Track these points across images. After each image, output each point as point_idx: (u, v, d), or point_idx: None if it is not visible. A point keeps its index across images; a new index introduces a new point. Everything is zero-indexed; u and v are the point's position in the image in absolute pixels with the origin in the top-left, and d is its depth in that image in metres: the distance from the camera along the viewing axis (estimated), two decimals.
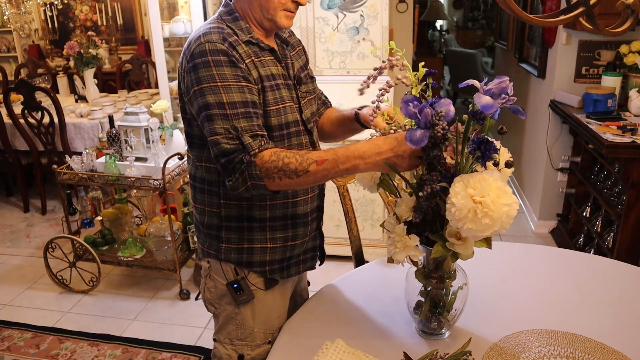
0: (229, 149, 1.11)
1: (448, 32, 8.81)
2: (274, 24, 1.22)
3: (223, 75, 1.13)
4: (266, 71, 1.21)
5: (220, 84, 1.12)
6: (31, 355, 2.39)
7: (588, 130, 2.52)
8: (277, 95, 1.22)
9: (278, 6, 1.20)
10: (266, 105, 1.20)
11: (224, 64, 1.13)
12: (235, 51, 1.15)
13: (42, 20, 5.93)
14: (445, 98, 1.00)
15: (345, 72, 3.04)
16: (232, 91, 1.12)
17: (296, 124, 1.27)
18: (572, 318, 1.22)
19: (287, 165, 1.09)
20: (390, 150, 1.05)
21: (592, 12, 0.83)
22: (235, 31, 1.20)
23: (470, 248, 0.99)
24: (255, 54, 1.21)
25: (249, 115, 1.13)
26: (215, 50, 1.13)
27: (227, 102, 1.12)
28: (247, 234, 1.27)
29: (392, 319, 1.24)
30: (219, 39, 1.15)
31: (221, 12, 1.26)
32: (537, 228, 3.48)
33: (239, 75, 1.14)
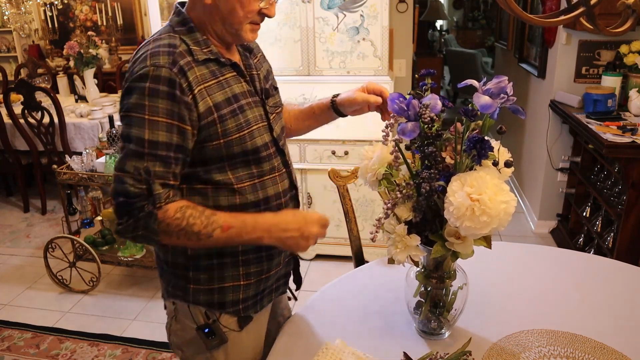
0: (133, 192, 1.00)
1: (448, 32, 8.81)
2: (237, 38, 1.11)
3: (154, 108, 0.99)
4: (226, 93, 1.08)
5: (147, 117, 0.99)
6: (31, 355, 2.39)
7: (588, 130, 2.52)
8: (242, 119, 1.10)
9: (243, 20, 1.08)
10: (226, 136, 1.07)
11: (160, 96, 1.00)
12: (185, 78, 1.02)
13: (42, 20, 5.93)
14: (432, 94, 1.01)
15: (345, 72, 3.04)
16: (158, 128, 1.00)
17: (266, 147, 1.15)
18: (572, 318, 1.22)
19: (190, 227, 1.02)
20: (297, 229, 1.07)
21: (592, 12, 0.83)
22: (190, 47, 1.06)
23: (469, 247, 0.99)
24: (213, 74, 1.08)
25: (167, 160, 1.02)
26: (158, 77, 0.99)
27: (148, 140, 0.99)
28: (217, 273, 1.16)
29: (392, 319, 1.24)
30: (168, 63, 1.01)
31: (173, 22, 1.11)
32: (537, 228, 3.48)
33: (174, 112, 1.01)
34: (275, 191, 1.18)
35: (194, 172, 1.09)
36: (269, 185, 1.16)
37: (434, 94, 1.00)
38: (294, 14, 2.97)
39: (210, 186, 1.11)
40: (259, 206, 1.15)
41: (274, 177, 1.18)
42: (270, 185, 1.17)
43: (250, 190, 1.13)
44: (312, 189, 3.01)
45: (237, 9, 1.05)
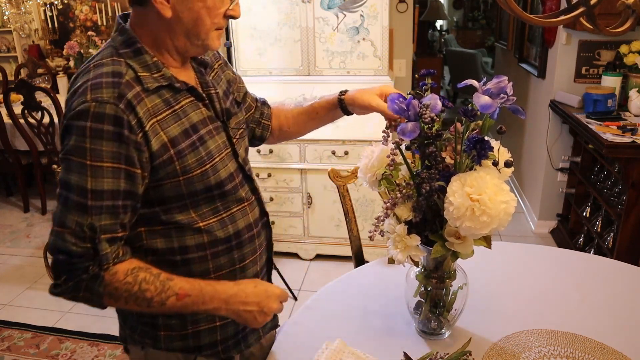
0: (75, 252, 0.88)
1: (448, 32, 8.81)
2: (204, 49, 1.00)
3: (98, 152, 0.86)
4: (183, 124, 0.96)
5: (89, 162, 0.86)
6: (31, 355, 2.39)
7: (588, 130, 2.52)
8: (203, 152, 0.98)
9: (210, 27, 0.96)
10: (186, 173, 0.96)
11: (104, 137, 0.86)
12: (134, 114, 0.89)
13: (42, 20, 5.93)
14: (432, 94, 1.01)
15: (345, 72, 3.04)
16: (103, 175, 0.87)
17: (231, 178, 1.05)
18: (572, 318, 1.22)
19: (142, 292, 0.92)
20: (256, 304, 0.99)
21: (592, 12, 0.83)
22: (139, 75, 0.92)
23: (469, 247, 0.99)
24: (167, 103, 0.95)
25: (115, 210, 0.90)
26: (101, 115, 0.86)
27: (90, 190, 0.87)
28: (190, 316, 1.06)
29: (392, 319, 1.24)
30: (112, 97, 0.87)
31: (116, 42, 0.96)
32: (537, 228, 3.48)
33: (121, 154, 0.88)
34: (246, 223, 1.09)
35: (153, 213, 0.98)
36: (238, 218, 1.07)
37: (434, 94, 1.00)
38: (294, 14, 2.97)
39: (172, 227, 1.00)
40: (230, 242, 1.06)
41: (243, 208, 1.08)
42: (240, 218, 1.08)
43: (218, 227, 1.04)
44: (312, 189, 3.01)
45: (203, 17, 0.94)
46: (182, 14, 0.92)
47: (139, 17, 0.96)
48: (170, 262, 1.01)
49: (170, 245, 1.01)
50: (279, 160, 2.98)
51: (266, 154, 2.98)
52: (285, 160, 2.97)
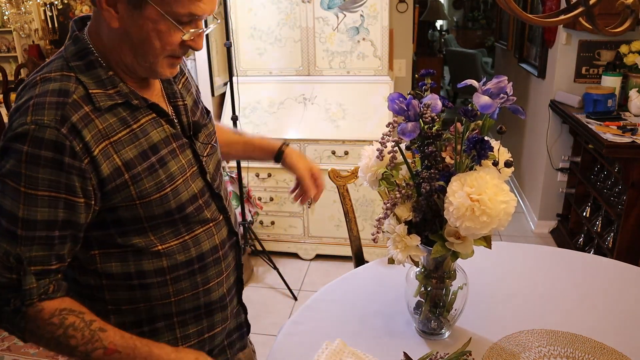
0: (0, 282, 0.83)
1: (448, 32, 8.81)
2: (151, 73, 0.90)
3: (33, 179, 0.80)
4: (141, 145, 0.89)
5: (23, 190, 0.80)
6: (31, 355, 2.39)
7: (588, 130, 2.52)
8: (162, 175, 0.91)
9: (160, 52, 0.86)
10: (143, 197, 0.89)
11: (41, 164, 0.80)
12: (79, 138, 0.81)
13: (42, 20, 5.93)
14: (432, 94, 1.00)
15: (345, 72, 3.04)
16: (37, 204, 0.81)
17: (194, 200, 0.97)
18: (572, 318, 1.22)
19: (67, 338, 0.85)
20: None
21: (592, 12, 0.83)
22: (90, 92, 0.85)
23: (469, 247, 0.99)
24: (124, 122, 0.88)
25: (49, 241, 0.83)
26: (40, 140, 0.79)
27: (22, 219, 0.81)
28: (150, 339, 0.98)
29: (392, 319, 1.24)
30: (53, 121, 0.80)
31: (68, 53, 0.88)
32: (537, 228, 3.48)
33: (60, 183, 0.81)
34: (211, 245, 1.02)
35: (107, 235, 0.91)
36: (203, 240, 1.00)
37: (433, 94, 1.00)
38: (294, 14, 2.98)
39: (129, 250, 0.93)
40: (192, 265, 0.99)
41: (208, 229, 1.01)
42: (205, 240, 1.00)
43: (180, 250, 0.97)
44: None
45: (153, 40, 0.84)
46: (131, 30, 0.84)
47: (96, 22, 0.88)
48: (127, 286, 0.95)
49: (127, 269, 0.94)
50: None
51: None
52: None
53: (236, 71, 3.10)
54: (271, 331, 2.42)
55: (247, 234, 2.92)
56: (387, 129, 1.01)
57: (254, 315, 2.66)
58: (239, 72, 3.12)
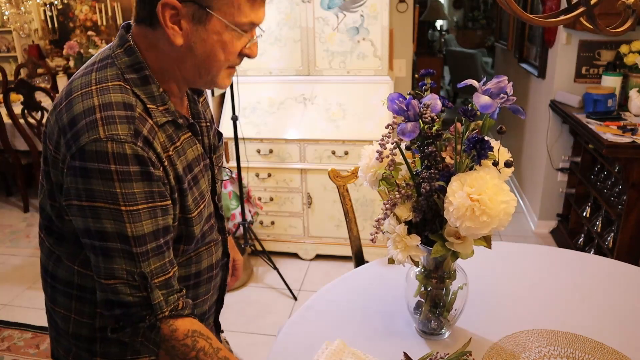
0: (131, 302, 0.83)
1: (448, 32, 8.81)
2: (212, 85, 0.93)
3: (131, 196, 0.80)
4: (183, 162, 0.91)
5: (125, 208, 0.80)
6: (31, 355, 2.39)
7: (588, 130, 2.52)
8: (197, 192, 0.94)
9: (224, 64, 0.89)
10: (186, 213, 0.91)
11: (134, 178, 0.80)
12: (152, 150, 0.83)
13: (42, 20, 5.93)
14: (432, 94, 1.01)
15: (345, 72, 3.04)
16: (141, 219, 0.81)
17: (210, 217, 1.00)
18: (572, 318, 1.22)
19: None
20: None
21: (592, 12, 0.83)
22: (147, 106, 0.85)
23: (469, 247, 0.99)
24: (171, 139, 0.89)
25: (160, 250, 0.85)
26: (124, 156, 0.79)
27: (132, 237, 0.81)
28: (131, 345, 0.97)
29: (392, 319, 1.24)
30: (130, 134, 0.80)
31: (121, 64, 0.86)
32: (537, 228, 3.48)
33: (154, 191, 0.83)
34: (209, 263, 1.05)
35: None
36: (204, 258, 1.03)
37: (433, 94, 1.00)
38: (294, 14, 2.97)
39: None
40: (188, 281, 1.01)
41: (209, 248, 1.04)
42: (206, 258, 1.04)
43: (183, 265, 0.98)
44: (312, 189, 3.01)
45: (217, 53, 0.86)
46: (195, 45, 0.84)
47: (147, 38, 0.87)
48: None
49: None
50: (279, 160, 2.98)
51: (266, 154, 2.98)
52: (285, 160, 2.97)
53: (236, 71, 3.10)
54: (271, 331, 2.42)
55: (247, 234, 2.92)
56: (387, 130, 1.01)
57: (254, 315, 2.66)
58: (239, 71, 3.12)
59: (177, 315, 0.87)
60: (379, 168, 1.07)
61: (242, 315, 2.62)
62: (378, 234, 1.01)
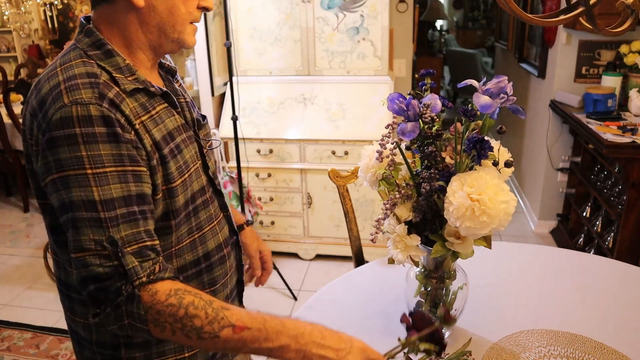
0: (102, 273, 0.77)
1: (448, 32, 8.81)
2: (179, 44, 0.92)
3: (97, 157, 0.78)
4: (161, 131, 0.89)
5: (91, 171, 0.77)
6: (31, 355, 2.39)
7: (588, 130, 2.52)
8: (181, 160, 0.92)
9: (186, 18, 0.90)
10: (169, 182, 0.88)
11: (100, 139, 0.78)
12: (120, 112, 0.82)
13: (42, 20, 5.93)
14: (432, 94, 1.01)
15: (345, 72, 3.04)
16: (109, 182, 0.78)
17: (203, 192, 0.98)
18: (572, 318, 1.22)
19: (190, 319, 0.78)
20: (335, 351, 0.80)
21: (592, 12, 0.83)
22: (113, 75, 0.85)
23: (469, 247, 0.99)
24: (144, 108, 0.88)
25: (133, 217, 0.80)
26: (88, 117, 0.77)
27: (100, 201, 0.78)
28: (156, 348, 0.97)
29: (392, 319, 1.24)
30: (94, 97, 0.79)
31: (83, 44, 0.87)
32: (537, 228, 3.48)
33: (123, 154, 0.80)
34: (216, 243, 1.02)
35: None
36: (209, 238, 1.00)
37: (433, 94, 1.00)
38: (294, 14, 2.97)
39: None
40: (199, 265, 0.99)
41: (213, 227, 1.01)
42: (211, 238, 1.01)
43: (188, 249, 0.96)
44: (312, 189, 3.01)
45: (178, 5, 0.88)
46: (156, 2, 0.86)
47: (107, 17, 0.89)
48: None
49: None
50: (279, 160, 2.98)
51: (266, 154, 2.98)
52: (285, 160, 2.97)
53: (236, 71, 3.10)
54: None
55: None
56: (387, 130, 1.01)
57: None
58: (239, 72, 3.12)
59: (156, 279, 0.80)
60: (379, 168, 1.07)
61: None
62: (378, 234, 1.01)
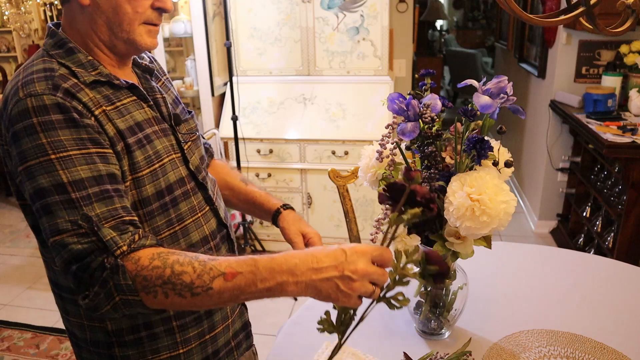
0: (82, 250, 0.76)
1: (448, 32, 8.81)
2: (132, 45, 0.90)
3: (57, 142, 0.78)
4: (127, 121, 0.89)
5: (54, 156, 0.78)
6: (31, 355, 2.39)
7: (588, 130, 2.52)
8: (150, 150, 0.91)
9: (134, 18, 0.88)
10: (135, 171, 0.88)
11: (57, 125, 0.79)
12: (77, 100, 0.82)
13: (42, 20, 5.92)
14: (432, 94, 1.01)
15: (345, 72, 3.04)
16: (74, 164, 0.78)
17: (182, 183, 0.96)
18: (572, 318, 1.22)
19: (178, 277, 0.76)
20: (334, 267, 0.74)
21: (592, 12, 0.83)
22: (73, 70, 0.86)
23: (469, 247, 0.99)
24: (108, 99, 0.88)
25: (106, 195, 0.80)
26: (43, 106, 0.79)
27: (69, 182, 0.78)
28: (149, 345, 0.97)
29: (392, 319, 1.24)
30: (48, 88, 0.80)
31: (47, 45, 0.90)
32: (537, 228, 3.48)
33: (84, 138, 0.80)
34: (201, 235, 1.00)
35: None
36: (192, 230, 0.98)
37: (433, 94, 1.00)
38: (294, 14, 2.98)
39: None
40: None
41: (196, 219, 1.00)
42: (194, 230, 0.99)
43: (169, 241, 0.94)
44: (312, 189, 3.01)
45: (122, 5, 0.86)
46: (100, 1, 0.86)
47: (67, 17, 0.90)
48: None
49: None
50: (279, 160, 2.98)
51: (266, 154, 2.98)
52: (285, 160, 2.97)
53: (236, 71, 3.10)
54: (271, 331, 2.42)
55: (247, 234, 2.92)
56: (387, 130, 1.01)
57: (254, 315, 2.65)
58: (239, 72, 3.12)
59: (137, 247, 0.79)
60: (379, 168, 1.07)
61: None
62: (378, 234, 1.01)
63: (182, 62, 3.64)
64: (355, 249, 0.75)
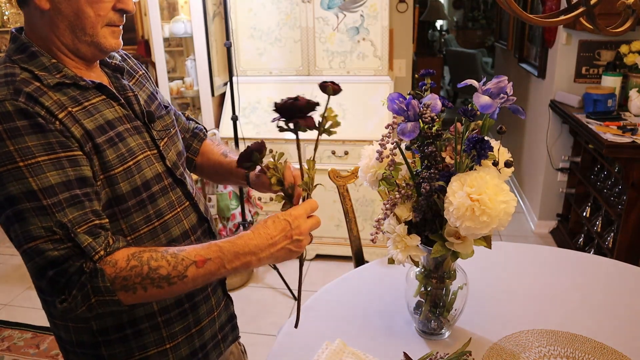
0: (59, 257, 0.78)
1: (448, 32, 8.81)
2: (96, 47, 0.90)
3: (25, 149, 0.78)
4: (97, 120, 0.88)
5: (23, 164, 0.78)
6: (31, 355, 2.39)
7: (588, 130, 2.52)
8: (123, 148, 0.91)
9: (97, 21, 0.87)
10: (107, 170, 0.88)
11: (24, 132, 0.78)
12: (39, 105, 0.81)
13: None
14: (432, 94, 1.01)
15: (345, 72, 3.04)
16: (44, 171, 0.79)
17: (159, 179, 0.97)
18: (572, 318, 1.22)
19: (155, 271, 0.82)
20: (284, 237, 0.88)
21: (592, 12, 0.83)
22: (36, 73, 0.85)
23: (469, 247, 0.99)
24: (74, 100, 0.87)
25: (77, 200, 0.81)
26: (7, 113, 0.78)
27: (39, 189, 0.78)
28: (135, 342, 0.98)
29: (392, 319, 1.24)
30: (9, 93, 0.80)
31: (9, 51, 0.88)
32: (537, 228, 3.48)
33: (52, 142, 0.80)
34: (181, 230, 1.01)
35: None
36: (172, 226, 0.99)
37: (433, 94, 1.00)
38: (294, 14, 2.98)
39: None
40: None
41: (176, 214, 1.00)
42: (174, 225, 1.00)
43: (149, 237, 0.95)
44: None
45: (84, 8, 0.85)
46: (61, 5, 0.84)
47: (27, 21, 0.89)
48: None
49: None
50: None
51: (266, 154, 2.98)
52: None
53: (236, 71, 3.10)
54: (271, 331, 2.42)
55: None
56: (387, 130, 1.01)
57: (254, 315, 2.66)
58: (239, 72, 3.12)
59: (112, 250, 0.83)
60: (379, 168, 1.07)
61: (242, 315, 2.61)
62: (378, 234, 1.01)
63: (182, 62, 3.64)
64: (294, 214, 0.91)
